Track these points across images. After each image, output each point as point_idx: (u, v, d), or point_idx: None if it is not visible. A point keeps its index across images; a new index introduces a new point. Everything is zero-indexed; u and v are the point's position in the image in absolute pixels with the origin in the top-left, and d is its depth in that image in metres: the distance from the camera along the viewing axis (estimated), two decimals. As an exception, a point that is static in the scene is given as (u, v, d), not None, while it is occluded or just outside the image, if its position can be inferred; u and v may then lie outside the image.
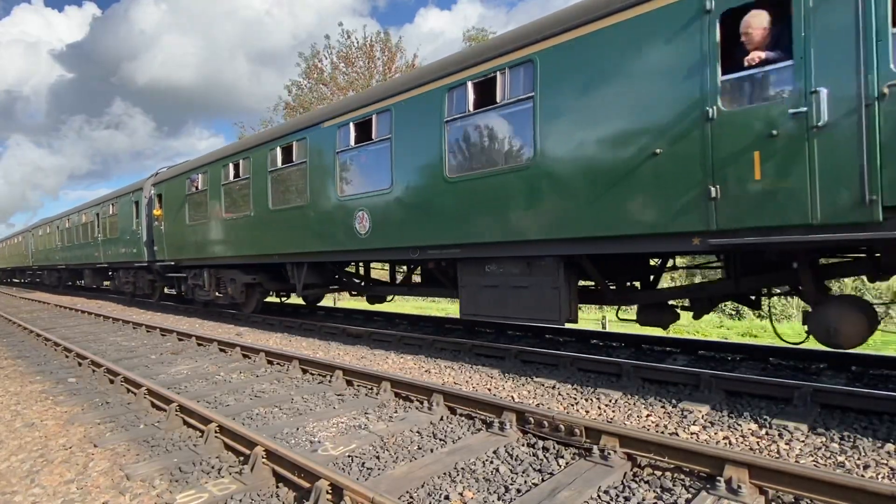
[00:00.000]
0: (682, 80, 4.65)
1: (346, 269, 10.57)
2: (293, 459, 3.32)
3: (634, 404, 4.83)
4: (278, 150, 9.61)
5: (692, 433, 4.07)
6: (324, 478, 3.06)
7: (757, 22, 4.33)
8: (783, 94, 4.21)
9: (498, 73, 6.03)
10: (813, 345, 5.11)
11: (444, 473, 3.45)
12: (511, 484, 3.27)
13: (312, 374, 6.41)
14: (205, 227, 12.03)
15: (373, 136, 7.64)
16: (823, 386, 4.60)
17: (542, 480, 3.31)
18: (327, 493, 3.00)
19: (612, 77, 5.11)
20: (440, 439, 4.10)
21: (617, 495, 3.09)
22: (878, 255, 4.66)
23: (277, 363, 7.05)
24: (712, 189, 4.47)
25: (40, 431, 4.67)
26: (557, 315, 5.85)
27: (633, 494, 3.08)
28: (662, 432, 4.08)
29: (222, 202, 11.33)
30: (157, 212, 14.17)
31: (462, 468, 3.52)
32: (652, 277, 6.94)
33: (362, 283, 10.70)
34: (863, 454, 3.55)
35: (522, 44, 5.84)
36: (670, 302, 6.35)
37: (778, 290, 5.89)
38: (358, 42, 27.79)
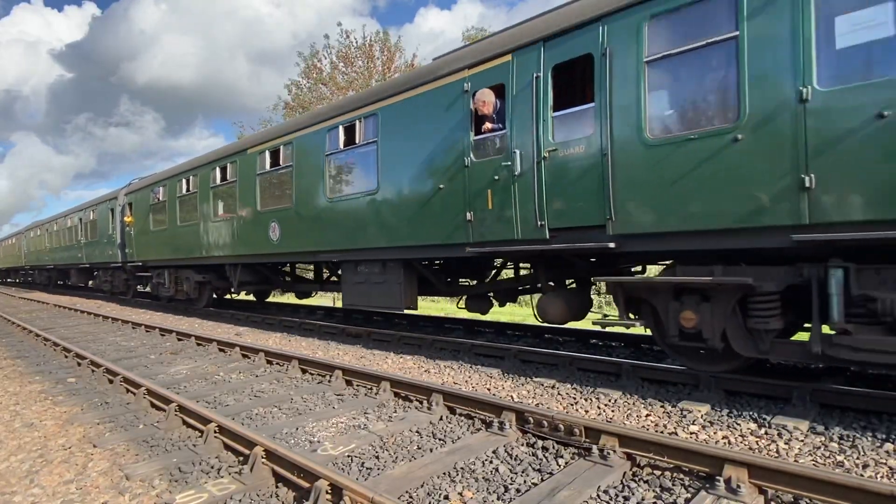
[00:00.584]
0: (454, 136, 6.60)
1: (283, 269, 12.38)
2: (293, 459, 3.32)
3: (634, 404, 4.83)
4: (217, 170, 11.81)
5: (691, 433, 4.08)
6: (323, 478, 3.06)
7: (486, 99, 6.12)
8: (501, 152, 6.10)
9: (357, 120, 8.09)
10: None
11: (444, 473, 3.45)
12: (510, 484, 3.27)
13: (312, 374, 6.41)
14: (165, 233, 14.01)
15: (280, 163, 9.81)
16: (822, 386, 4.61)
17: (542, 480, 3.31)
18: (327, 492, 3.00)
19: (419, 130, 7.07)
20: (440, 439, 4.10)
21: (616, 495, 3.09)
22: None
23: (277, 363, 7.05)
24: (468, 214, 6.42)
25: (39, 431, 4.67)
26: (400, 304, 7.64)
27: (633, 494, 3.08)
28: (662, 432, 4.08)
29: (178, 211, 13.41)
30: (128, 218, 16.13)
31: (461, 468, 3.52)
32: (493, 273, 8.68)
33: (288, 280, 12.61)
34: (862, 453, 3.56)
35: (372, 101, 7.88)
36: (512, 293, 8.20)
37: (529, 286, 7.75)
38: (357, 42, 27.78)
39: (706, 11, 4.52)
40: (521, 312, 15.62)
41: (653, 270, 6.74)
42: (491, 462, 3.61)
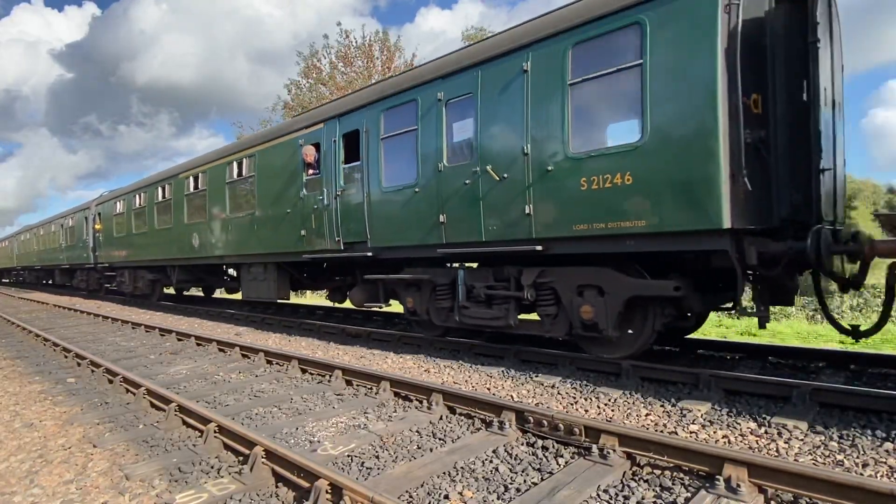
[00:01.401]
0: (295, 176, 9.31)
1: (214, 269, 14.55)
2: (292, 459, 3.32)
3: (634, 403, 4.83)
4: (159, 189, 14.63)
5: (691, 432, 4.08)
6: (323, 477, 3.06)
7: (309, 152, 8.89)
8: (318, 188, 8.79)
9: (245, 159, 10.89)
10: (811, 344, 5.17)
11: (444, 473, 3.45)
12: (510, 483, 3.27)
13: (312, 374, 6.41)
14: (124, 239, 16.99)
15: (199, 187, 12.59)
16: (822, 385, 4.61)
17: (542, 480, 3.31)
18: (327, 492, 3.00)
19: (278, 169, 9.85)
20: (439, 439, 4.10)
21: (616, 494, 3.09)
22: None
23: (276, 363, 7.05)
24: (303, 231, 9.13)
25: (39, 432, 4.67)
26: (275, 296, 10.42)
27: (633, 493, 3.08)
28: (662, 431, 4.08)
29: (133, 221, 16.34)
30: (97, 226, 19.09)
31: (461, 467, 3.52)
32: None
33: (226, 279, 15.07)
34: (862, 453, 3.56)
35: (252, 145, 10.84)
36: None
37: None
38: (356, 42, 27.77)
39: (404, 112, 7.45)
40: (520, 312, 15.60)
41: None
42: (491, 461, 3.61)
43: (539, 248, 5.84)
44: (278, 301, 10.79)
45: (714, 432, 4.05)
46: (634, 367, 5.59)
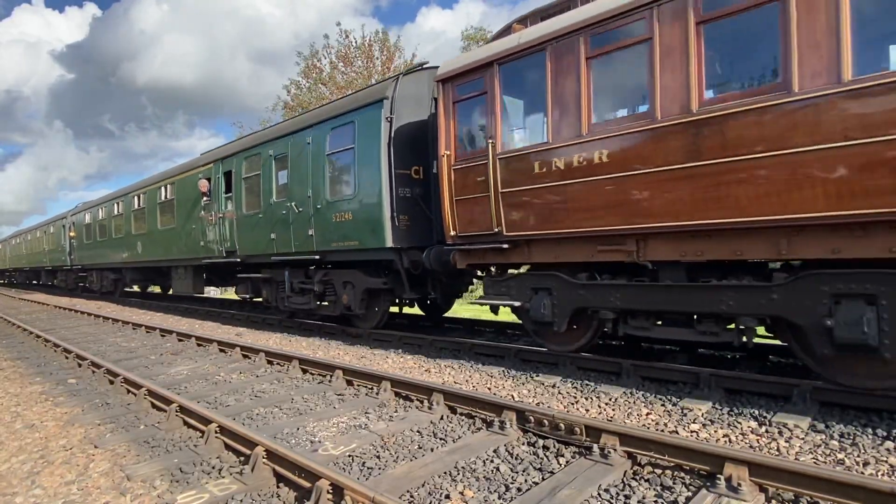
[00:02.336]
0: (198, 200, 12.20)
1: (161, 270, 17.00)
2: (294, 459, 3.33)
3: (634, 403, 4.83)
4: (115, 204, 18.16)
5: (692, 431, 4.08)
6: (324, 477, 3.06)
7: (203, 184, 11.85)
8: (210, 212, 11.90)
9: (169, 185, 14.44)
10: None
11: (445, 472, 3.45)
12: (511, 483, 3.27)
13: (312, 374, 6.41)
14: (92, 245, 20.44)
15: (141, 205, 16.00)
16: (823, 384, 4.60)
17: (543, 479, 3.31)
18: (328, 492, 3.00)
19: (189, 194, 12.83)
20: (440, 438, 4.10)
21: (617, 493, 3.10)
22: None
23: (277, 363, 7.05)
24: (202, 241, 12.08)
25: (40, 433, 4.67)
26: (192, 291, 14.32)
27: (634, 493, 3.08)
28: (662, 430, 4.08)
29: (97, 230, 19.80)
30: (72, 233, 22.45)
31: (462, 467, 3.52)
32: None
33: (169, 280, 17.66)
34: (862, 451, 3.56)
35: (173, 175, 14.22)
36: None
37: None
38: (356, 42, 27.75)
39: (253, 161, 10.78)
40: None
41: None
42: (492, 461, 3.61)
43: (317, 257, 9.12)
44: (195, 294, 14.97)
45: (715, 431, 4.05)
46: (635, 367, 5.59)
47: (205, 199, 12.03)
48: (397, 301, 9.27)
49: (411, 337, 8.24)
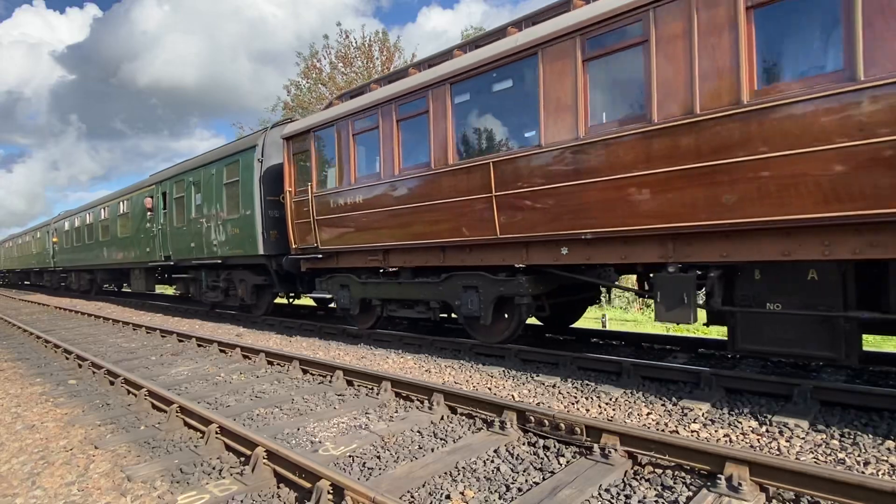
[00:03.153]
0: (145, 214, 15.32)
1: (123, 272, 20.27)
2: (294, 460, 3.33)
3: (635, 402, 4.83)
4: (87, 215, 21.24)
5: (692, 431, 4.08)
6: (325, 478, 3.06)
7: (148, 201, 15.04)
8: (154, 222, 14.93)
9: (126, 200, 17.39)
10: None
11: (445, 473, 3.45)
12: (512, 483, 3.27)
13: (313, 375, 6.41)
14: (70, 250, 23.47)
15: (106, 216, 18.93)
16: (823, 383, 4.61)
17: (543, 479, 3.31)
18: (328, 493, 3.00)
19: (138, 210, 15.90)
20: (441, 439, 4.10)
21: (618, 493, 3.09)
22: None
23: (278, 364, 7.05)
24: (147, 249, 15.34)
25: (41, 433, 4.67)
26: (145, 289, 17.60)
27: (634, 493, 3.08)
28: (663, 430, 4.08)
29: (74, 237, 22.81)
30: (54, 239, 25.58)
31: (463, 467, 3.52)
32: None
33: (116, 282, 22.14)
34: (863, 451, 3.56)
35: (128, 192, 17.19)
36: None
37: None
38: (356, 42, 27.76)
39: (180, 186, 13.63)
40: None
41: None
42: (492, 461, 3.61)
43: (220, 261, 11.85)
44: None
45: (715, 431, 4.05)
46: (635, 366, 5.59)
47: (149, 213, 15.07)
48: (285, 295, 12.38)
49: (411, 337, 8.25)
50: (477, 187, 6.53)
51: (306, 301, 19.61)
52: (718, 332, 10.89)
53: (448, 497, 3.12)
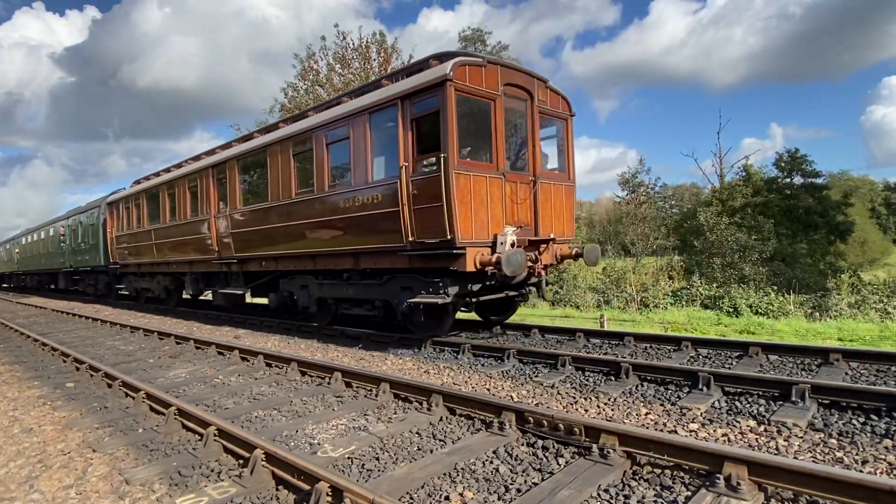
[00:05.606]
0: (62, 237, 24.01)
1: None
2: (293, 462, 3.32)
3: (633, 403, 4.84)
4: (38, 233, 27.73)
5: (691, 431, 4.08)
6: (324, 480, 3.06)
7: (60, 230, 24.07)
8: (67, 243, 23.77)
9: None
10: (810, 341, 5.22)
11: (444, 474, 3.45)
12: (511, 483, 3.27)
13: (311, 377, 6.40)
14: (27, 259, 29.96)
15: (41, 238, 27.71)
16: (821, 382, 4.62)
17: (542, 480, 3.31)
18: (327, 495, 3.00)
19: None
20: (440, 440, 4.10)
21: (617, 493, 3.10)
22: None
23: (276, 365, 7.04)
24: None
25: (38, 437, 4.66)
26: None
27: (633, 493, 3.09)
28: (661, 430, 4.08)
29: (27, 250, 29.41)
30: (17, 251, 32.42)
31: (462, 468, 3.52)
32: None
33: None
34: (861, 450, 3.57)
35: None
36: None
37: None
38: (353, 43, 27.76)
39: (84, 217, 21.85)
40: (520, 312, 15.62)
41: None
42: (491, 462, 3.61)
43: (89, 268, 20.54)
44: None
45: (714, 431, 4.05)
46: (633, 367, 5.60)
47: (62, 237, 23.04)
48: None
49: (410, 338, 8.24)
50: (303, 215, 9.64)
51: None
52: (716, 332, 10.90)
53: (447, 498, 3.12)
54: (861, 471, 3.27)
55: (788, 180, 31.50)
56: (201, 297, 16.39)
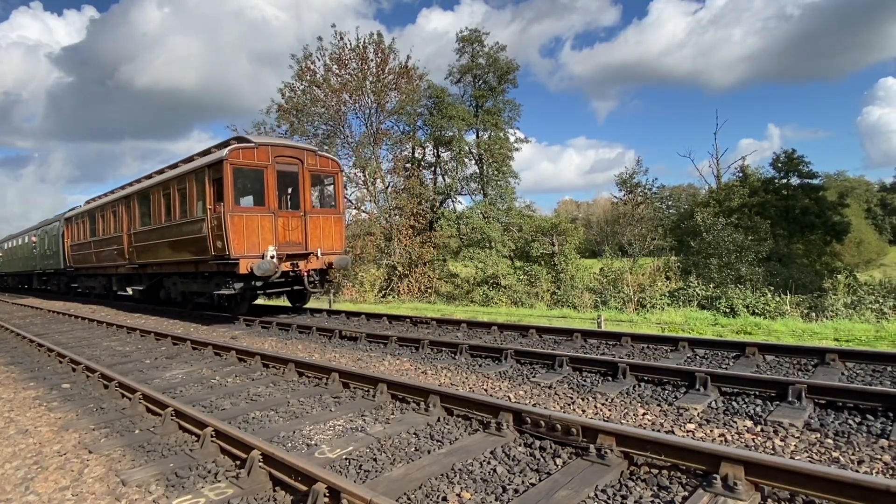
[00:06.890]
0: (33, 243, 28.68)
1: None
2: (290, 463, 3.31)
3: (630, 403, 4.84)
4: (17, 239, 31.63)
5: (688, 431, 4.09)
6: (321, 481, 3.05)
7: (33, 238, 28.55)
8: (39, 250, 28.15)
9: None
10: (806, 341, 5.25)
11: (442, 475, 3.45)
12: (508, 484, 3.27)
13: (308, 377, 6.39)
14: (8, 262, 33.91)
15: (19, 244, 32.01)
16: (817, 382, 4.63)
17: (540, 480, 3.31)
18: (325, 496, 2.99)
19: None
20: (437, 440, 4.10)
21: (614, 494, 3.10)
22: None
23: (273, 366, 7.03)
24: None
25: (34, 438, 4.64)
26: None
27: (631, 493, 3.09)
28: (659, 430, 4.09)
29: (9, 254, 33.45)
30: (1, 255, 35.28)
31: (459, 469, 3.52)
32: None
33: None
34: (857, 449, 3.58)
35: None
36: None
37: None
38: (351, 44, 27.75)
39: (41, 232, 27.86)
40: (517, 313, 15.63)
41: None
42: (489, 463, 3.61)
43: (52, 270, 25.04)
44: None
45: (711, 431, 4.06)
46: (631, 367, 5.61)
47: (34, 244, 26.68)
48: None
49: (408, 338, 8.24)
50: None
51: (313, 302, 20.41)
52: (713, 332, 10.92)
53: (445, 499, 3.12)
54: (857, 471, 3.28)
55: (785, 181, 31.65)
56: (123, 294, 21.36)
